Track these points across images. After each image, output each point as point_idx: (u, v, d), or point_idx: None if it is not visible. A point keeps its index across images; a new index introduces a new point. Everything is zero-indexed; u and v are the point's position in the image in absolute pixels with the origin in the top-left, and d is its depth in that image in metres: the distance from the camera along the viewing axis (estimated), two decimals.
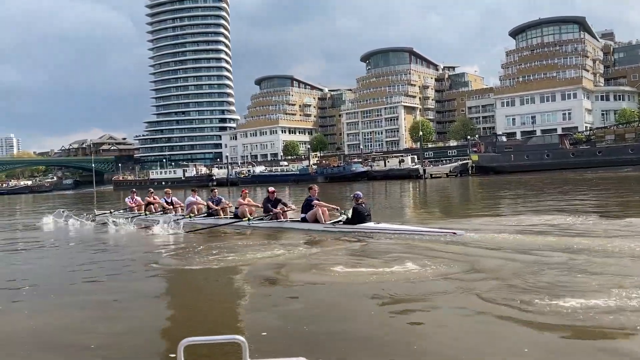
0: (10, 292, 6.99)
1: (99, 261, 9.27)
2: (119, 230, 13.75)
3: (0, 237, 14.57)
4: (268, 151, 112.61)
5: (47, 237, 14.19)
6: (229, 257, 8.42)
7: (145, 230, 14.14)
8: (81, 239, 13.42)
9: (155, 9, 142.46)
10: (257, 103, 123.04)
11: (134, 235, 13.34)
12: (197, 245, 10.29)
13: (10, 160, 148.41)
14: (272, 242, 10.10)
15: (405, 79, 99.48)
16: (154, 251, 10.23)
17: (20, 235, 15.91)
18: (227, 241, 11.01)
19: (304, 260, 8.08)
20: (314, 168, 71.56)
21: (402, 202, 28.28)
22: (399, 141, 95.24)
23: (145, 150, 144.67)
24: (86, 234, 14.35)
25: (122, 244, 12.00)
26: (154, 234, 12.71)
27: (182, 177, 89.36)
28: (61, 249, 11.65)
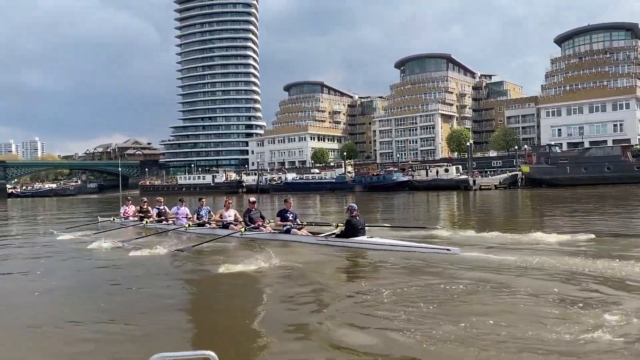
0: None
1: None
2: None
3: None
4: (296, 158, 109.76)
5: None
6: (213, 270, 8.47)
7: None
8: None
9: (184, 14, 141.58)
10: (286, 109, 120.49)
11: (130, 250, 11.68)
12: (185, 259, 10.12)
13: (37, 163, 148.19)
14: (258, 254, 9.80)
15: (443, 86, 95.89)
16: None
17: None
18: (219, 254, 10.65)
19: (288, 272, 8.08)
20: (351, 176, 68.18)
21: (477, 216, 24.63)
22: (435, 150, 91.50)
23: (170, 155, 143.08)
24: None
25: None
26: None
27: (211, 182, 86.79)
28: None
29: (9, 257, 11.99)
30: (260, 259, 8.99)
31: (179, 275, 8.72)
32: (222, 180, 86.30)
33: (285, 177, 79.50)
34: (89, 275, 9.13)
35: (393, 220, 20.84)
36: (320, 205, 37.39)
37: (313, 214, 28.48)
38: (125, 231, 14.81)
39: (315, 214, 27.93)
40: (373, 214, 25.63)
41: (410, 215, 25.20)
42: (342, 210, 29.74)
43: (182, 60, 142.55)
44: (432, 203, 37.20)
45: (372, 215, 23.59)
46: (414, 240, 10.31)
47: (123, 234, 13.94)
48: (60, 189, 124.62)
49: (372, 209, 29.54)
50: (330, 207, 36.15)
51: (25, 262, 10.99)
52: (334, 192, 65.01)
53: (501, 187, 59.33)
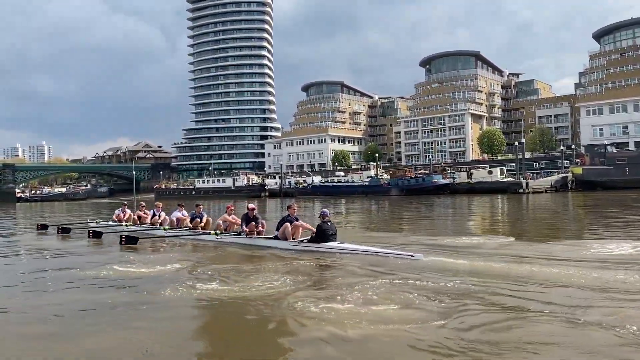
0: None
1: None
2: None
3: None
4: (316, 161, 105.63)
5: None
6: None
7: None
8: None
9: (197, 13, 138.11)
10: (305, 110, 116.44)
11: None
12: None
13: (47, 166, 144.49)
14: (228, 260, 10.11)
15: (472, 84, 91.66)
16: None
17: None
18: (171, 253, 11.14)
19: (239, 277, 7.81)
20: (386, 179, 63.86)
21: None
22: (466, 152, 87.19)
23: (182, 158, 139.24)
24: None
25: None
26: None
27: (231, 186, 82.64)
28: None
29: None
30: (221, 266, 9.02)
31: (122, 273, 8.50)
32: (243, 183, 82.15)
33: (312, 180, 75.20)
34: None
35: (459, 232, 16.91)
36: (359, 212, 33.21)
37: (353, 221, 24.57)
38: (114, 233, 14.68)
39: (354, 222, 23.98)
40: (420, 224, 21.97)
41: (483, 226, 20.98)
42: (387, 218, 26.94)
43: (195, 61, 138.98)
44: (486, 208, 33.02)
45: (420, 226, 19.95)
46: (382, 246, 10.46)
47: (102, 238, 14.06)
48: (70, 193, 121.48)
49: (418, 219, 25.31)
50: (366, 213, 31.95)
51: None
52: (367, 196, 60.75)
53: (551, 190, 55.17)
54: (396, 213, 31.47)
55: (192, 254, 11.28)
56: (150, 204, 18.22)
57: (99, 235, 14.18)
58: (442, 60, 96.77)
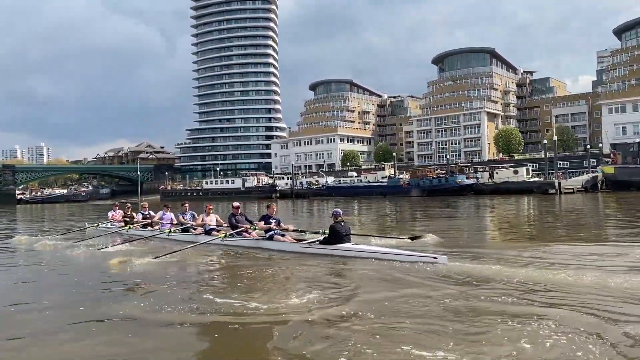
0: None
1: None
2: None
3: None
4: (324, 161, 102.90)
5: None
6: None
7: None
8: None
9: (200, 11, 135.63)
10: (312, 109, 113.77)
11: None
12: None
13: (48, 167, 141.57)
14: (232, 263, 9.89)
15: (488, 82, 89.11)
16: None
17: None
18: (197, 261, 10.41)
19: (262, 282, 7.69)
20: (406, 179, 61.24)
21: None
22: (481, 151, 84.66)
23: (185, 159, 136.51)
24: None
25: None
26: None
27: (241, 187, 79.88)
28: None
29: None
30: (232, 268, 9.07)
31: (144, 287, 7.72)
32: (253, 184, 79.39)
33: (326, 181, 72.56)
34: (51, 284, 8.48)
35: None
36: (381, 214, 30.75)
37: (375, 223, 22.38)
38: (106, 238, 14.80)
39: (378, 224, 21.72)
40: (456, 226, 19.59)
41: (533, 230, 18.42)
42: (414, 220, 24.56)
43: (199, 60, 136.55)
44: (523, 210, 30.47)
45: (456, 230, 17.99)
46: (400, 247, 10.01)
47: (103, 241, 13.80)
48: (72, 195, 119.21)
49: (451, 220, 22.89)
50: (390, 215, 29.43)
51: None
52: (385, 197, 58.20)
53: (580, 191, 52.64)
54: (423, 215, 28.91)
55: (199, 258, 10.71)
56: (154, 206, 17.93)
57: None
58: (455, 58, 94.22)
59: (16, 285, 8.36)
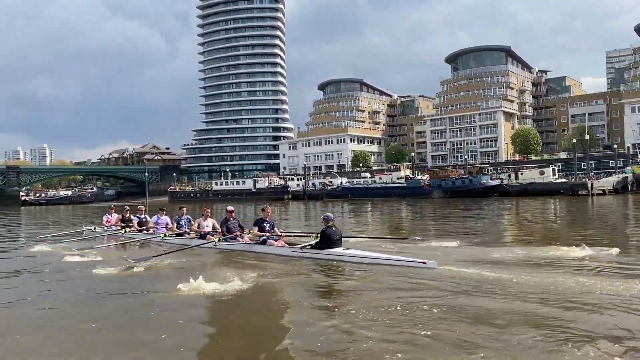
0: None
1: None
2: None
3: None
4: (334, 162, 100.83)
5: None
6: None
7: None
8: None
9: (207, 10, 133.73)
10: (322, 109, 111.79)
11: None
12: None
13: (53, 168, 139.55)
14: (223, 267, 9.68)
15: (503, 81, 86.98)
16: None
17: None
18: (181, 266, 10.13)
19: (250, 288, 7.45)
20: (427, 180, 59.13)
21: None
22: (498, 152, 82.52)
23: (191, 160, 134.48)
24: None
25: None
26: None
27: (252, 188, 77.81)
28: None
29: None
30: (223, 273, 8.69)
31: (125, 290, 7.85)
32: (265, 185, 77.33)
33: (341, 182, 70.49)
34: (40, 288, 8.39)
35: None
36: (405, 217, 28.88)
37: (401, 227, 20.89)
38: (102, 241, 14.87)
39: (404, 228, 20.22)
40: (497, 232, 17.82)
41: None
42: (445, 225, 22.23)
43: (205, 60, 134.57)
44: (562, 212, 28.54)
45: (502, 234, 16.83)
46: (391, 252, 10.15)
47: (99, 244, 13.82)
48: (77, 196, 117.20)
49: (463, 228, 20.38)
50: (417, 219, 27.40)
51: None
52: (404, 198, 56.12)
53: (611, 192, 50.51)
54: (450, 218, 26.95)
55: (192, 261, 10.62)
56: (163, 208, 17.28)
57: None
58: (470, 56, 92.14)
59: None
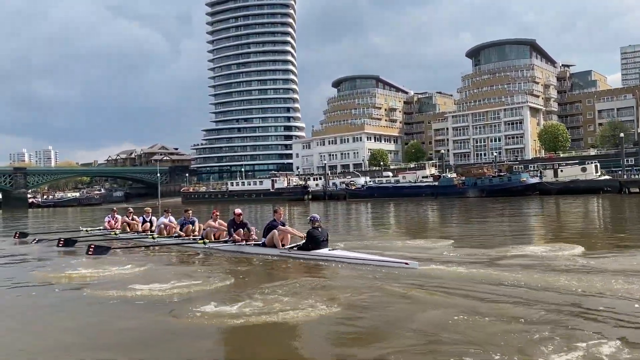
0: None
1: None
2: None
3: None
4: (350, 161, 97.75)
5: None
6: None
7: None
8: None
9: (216, 7, 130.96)
10: (336, 107, 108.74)
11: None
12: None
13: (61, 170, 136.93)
14: (213, 267, 9.83)
15: (529, 75, 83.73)
16: None
17: None
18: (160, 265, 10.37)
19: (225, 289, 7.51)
20: (460, 179, 56.00)
21: None
22: (525, 149, 79.30)
23: (201, 160, 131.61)
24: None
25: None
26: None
27: (270, 188, 74.77)
28: None
29: None
30: (205, 273, 8.92)
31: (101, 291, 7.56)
32: (283, 185, 74.28)
33: (366, 181, 67.43)
34: None
35: None
36: (448, 219, 25.98)
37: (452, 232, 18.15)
38: (87, 242, 13.84)
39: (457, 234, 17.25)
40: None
41: None
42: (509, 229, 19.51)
43: (215, 57, 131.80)
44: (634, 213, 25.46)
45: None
46: (375, 253, 10.03)
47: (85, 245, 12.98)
48: (85, 198, 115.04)
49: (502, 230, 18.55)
50: (467, 223, 24.33)
51: None
52: (437, 198, 53.05)
53: None
54: (503, 219, 23.99)
55: (177, 264, 10.72)
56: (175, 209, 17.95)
57: (72, 243, 13.95)
58: (492, 50, 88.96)
59: None
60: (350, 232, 19.63)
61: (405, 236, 16.44)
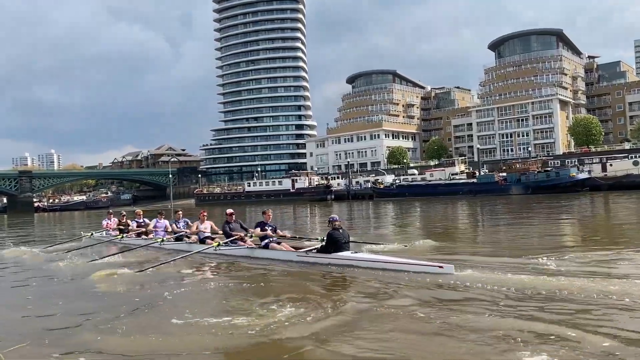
0: None
1: None
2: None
3: None
4: (368, 159, 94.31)
5: None
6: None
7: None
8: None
9: (223, 4, 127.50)
10: (352, 104, 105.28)
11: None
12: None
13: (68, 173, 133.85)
14: (230, 274, 9.45)
15: (557, 67, 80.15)
16: None
17: None
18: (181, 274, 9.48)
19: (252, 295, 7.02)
20: (502, 175, 52.46)
21: None
22: (555, 143, 75.75)
23: (210, 161, 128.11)
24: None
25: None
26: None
27: (290, 189, 71.27)
28: None
29: None
30: (223, 281, 8.62)
31: (129, 301, 7.26)
32: (305, 185, 70.73)
33: (395, 180, 63.97)
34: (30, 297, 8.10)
35: None
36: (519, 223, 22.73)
37: None
38: (99, 247, 14.47)
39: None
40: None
41: None
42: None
43: (222, 55, 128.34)
44: None
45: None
46: (402, 256, 9.16)
47: (94, 251, 13.42)
48: (92, 202, 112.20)
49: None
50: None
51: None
52: (476, 196, 49.56)
53: None
54: (564, 220, 20.75)
55: (192, 269, 10.03)
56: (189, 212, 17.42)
57: None
58: (517, 41, 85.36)
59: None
60: (388, 235, 17.31)
61: (447, 238, 14.63)
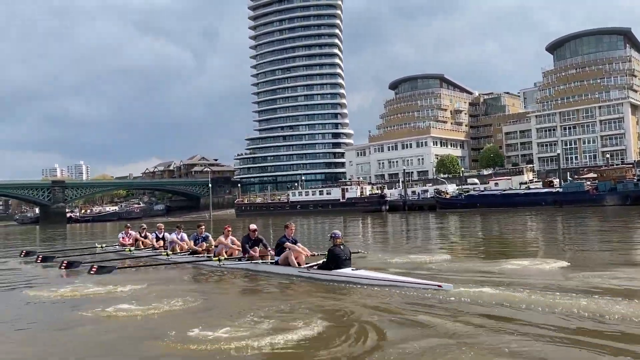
0: None
1: None
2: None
3: None
4: (414, 168, 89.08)
5: None
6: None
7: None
8: None
9: (258, 11, 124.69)
10: (395, 110, 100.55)
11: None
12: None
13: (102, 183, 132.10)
14: (230, 288, 9.64)
15: (627, 68, 74.24)
16: None
17: None
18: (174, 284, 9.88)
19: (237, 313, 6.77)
20: (594, 184, 46.96)
21: None
22: (626, 150, 69.66)
23: (244, 171, 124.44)
24: None
25: None
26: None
27: (340, 198, 66.55)
28: None
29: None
30: (222, 295, 8.67)
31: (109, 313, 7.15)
32: (356, 194, 65.91)
33: (461, 189, 58.89)
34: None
35: None
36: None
37: None
38: (106, 259, 14.37)
39: None
40: None
41: None
42: None
43: (257, 63, 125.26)
44: None
45: None
46: (404, 274, 9.06)
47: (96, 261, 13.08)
48: (124, 212, 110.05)
49: None
50: None
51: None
52: (561, 207, 44.14)
53: None
54: None
55: (189, 283, 10.23)
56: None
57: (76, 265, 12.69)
58: (579, 42, 79.61)
59: None
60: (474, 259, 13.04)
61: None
